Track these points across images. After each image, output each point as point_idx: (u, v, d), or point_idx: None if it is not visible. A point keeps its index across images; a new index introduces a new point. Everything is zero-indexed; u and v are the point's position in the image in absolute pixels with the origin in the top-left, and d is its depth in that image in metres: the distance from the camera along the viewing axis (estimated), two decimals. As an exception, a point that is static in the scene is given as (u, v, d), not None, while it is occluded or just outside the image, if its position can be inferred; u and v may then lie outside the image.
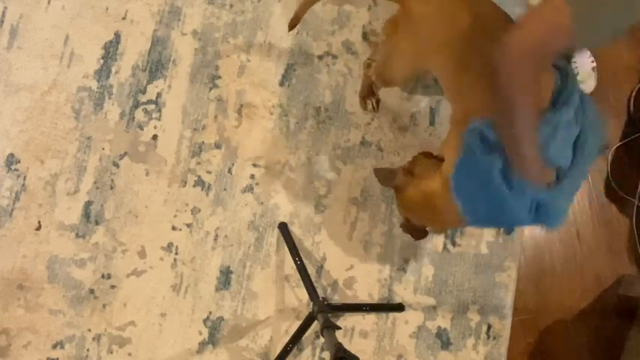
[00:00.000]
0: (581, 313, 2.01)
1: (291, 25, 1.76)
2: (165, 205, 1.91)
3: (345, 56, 1.98)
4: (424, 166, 1.55)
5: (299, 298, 1.89)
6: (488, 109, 1.26)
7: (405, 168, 1.58)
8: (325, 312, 1.63)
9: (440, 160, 1.52)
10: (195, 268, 1.89)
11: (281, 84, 1.96)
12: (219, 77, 1.95)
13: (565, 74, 1.30)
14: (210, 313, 1.89)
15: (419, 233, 1.68)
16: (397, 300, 1.92)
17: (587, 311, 2.01)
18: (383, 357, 1.91)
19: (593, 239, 2.04)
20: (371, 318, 1.92)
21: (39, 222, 1.88)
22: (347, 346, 1.38)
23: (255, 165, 1.93)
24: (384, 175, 1.63)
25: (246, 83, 1.96)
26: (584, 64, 2.00)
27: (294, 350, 1.84)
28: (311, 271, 1.86)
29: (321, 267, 1.92)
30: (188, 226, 1.90)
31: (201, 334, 1.88)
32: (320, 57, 1.98)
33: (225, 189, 1.92)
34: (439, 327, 1.93)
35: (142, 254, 1.89)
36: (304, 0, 1.71)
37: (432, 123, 1.98)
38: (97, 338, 1.86)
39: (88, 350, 1.85)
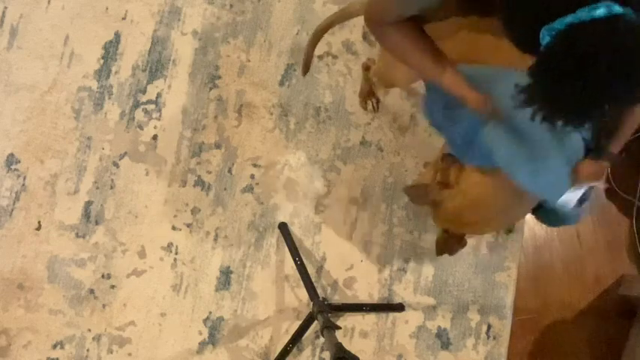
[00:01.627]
0: (581, 313, 2.01)
1: (305, 70, 1.79)
2: (165, 205, 1.90)
3: (345, 56, 1.98)
4: (454, 171, 1.49)
5: (299, 298, 1.89)
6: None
7: (440, 181, 1.51)
8: (325, 312, 1.63)
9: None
10: (195, 268, 1.89)
11: (281, 84, 1.96)
12: (219, 77, 1.95)
13: None
14: (210, 313, 1.89)
15: (456, 246, 1.62)
16: (397, 300, 1.92)
17: (587, 311, 2.01)
18: (383, 357, 1.91)
19: (593, 239, 2.04)
20: (371, 318, 1.92)
21: (39, 222, 1.88)
22: (347, 346, 1.38)
23: (255, 165, 1.93)
24: (418, 193, 1.57)
25: (246, 83, 1.96)
26: None
27: (294, 350, 1.84)
28: (311, 271, 1.86)
29: (321, 267, 1.92)
30: (188, 226, 1.90)
31: (201, 334, 1.88)
32: (320, 57, 1.97)
33: (225, 189, 1.92)
34: (439, 327, 1.93)
35: (141, 254, 1.89)
36: (309, 41, 1.72)
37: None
38: (97, 338, 1.86)
39: (88, 350, 1.85)
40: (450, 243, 1.62)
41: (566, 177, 1.28)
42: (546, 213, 1.50)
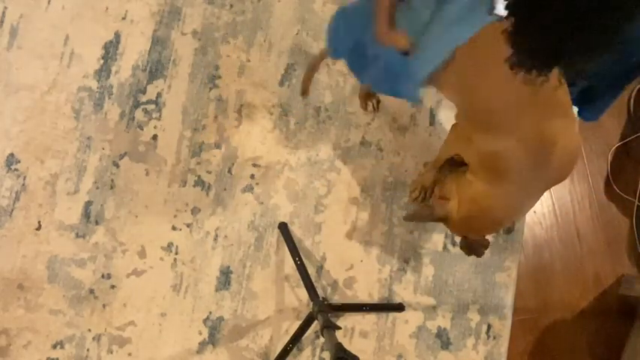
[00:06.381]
0: (581, 313, 2.01)
1: (304, 92, 1.85)
2: (165, 205, 1.90)
3: (345, 56, 1.98)
4: (452, 182, 1.49)
5: (299, 298, 1.89)
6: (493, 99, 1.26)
7: (438, 196, 1.52)
8: (325, 312, 1.63)
9: (457, 163, 1.51)
10: (195, 268, 1.89)
11: (281, 84, 1.96)
12: (219, 77, 1.95)
13: None
14: (210, 313, 1.89)
15: (480, 248, 1.61)
16: (397, 300, 1.92)
17: (587, 311, 2.01)
18: (383, 357, 1.91)
19: (593, 239, 2.04)
20: (371, 318, 1.92)
21: (39, 222, 1.88)
22: (347, 346, 1.38)
23: (255, 165, 1.93)
24: (422, 216, 1.57)
25: (246, 83, 1.96)
26: None
27: (294, 350, 1.84)
28: (311, 271, 1.86)
29: (321, 267, 1.92)
30: (188, 226, 1.90)
31: (201, 334, 1.88)
32: (320, 57, 1.98)
33: (225, 189, 1.92)
34: (439, 327, 1.93)
35: (142, 254, 1.89)
36: (310, 64, 1.73)
37: (431, 123, 1.98)
38: (97, 338, 1.86)
39: (88, 350, 1.85)
40: (473, 246, 1.61)
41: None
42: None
